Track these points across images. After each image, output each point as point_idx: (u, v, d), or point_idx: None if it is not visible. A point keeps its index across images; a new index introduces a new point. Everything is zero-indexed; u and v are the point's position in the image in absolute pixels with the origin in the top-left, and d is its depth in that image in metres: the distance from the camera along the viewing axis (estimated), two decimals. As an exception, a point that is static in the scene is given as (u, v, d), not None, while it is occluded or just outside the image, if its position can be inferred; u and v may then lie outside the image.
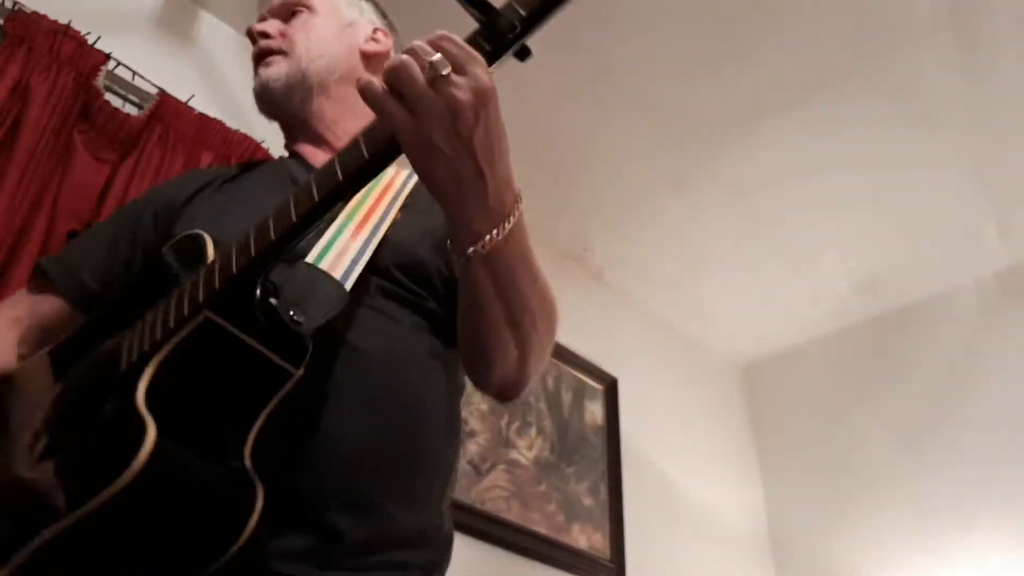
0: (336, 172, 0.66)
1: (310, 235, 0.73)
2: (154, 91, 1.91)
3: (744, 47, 2.24)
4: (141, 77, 1.92)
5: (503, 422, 2.44)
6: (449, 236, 0.72)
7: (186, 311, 0.70)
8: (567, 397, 2.71)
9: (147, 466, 0.60)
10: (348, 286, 0.80)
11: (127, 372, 0.71)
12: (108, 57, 1.85)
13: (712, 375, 3.48)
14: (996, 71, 2.30)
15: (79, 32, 1.79)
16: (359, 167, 0.65)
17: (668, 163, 2.64)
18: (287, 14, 1.10)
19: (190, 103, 1.95)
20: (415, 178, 0.96)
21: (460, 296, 0.82)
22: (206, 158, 1.90)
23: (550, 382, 2.69)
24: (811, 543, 3.04)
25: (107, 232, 1.02)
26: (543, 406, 2.61)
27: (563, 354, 2.75)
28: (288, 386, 0.70)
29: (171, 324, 0.70)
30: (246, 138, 2.00)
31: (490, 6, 0.64)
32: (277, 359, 0.70)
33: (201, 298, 0.69)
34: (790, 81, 2.34)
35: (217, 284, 0.69)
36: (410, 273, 0.89)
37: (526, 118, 2.49)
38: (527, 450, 2.47)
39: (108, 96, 1.85)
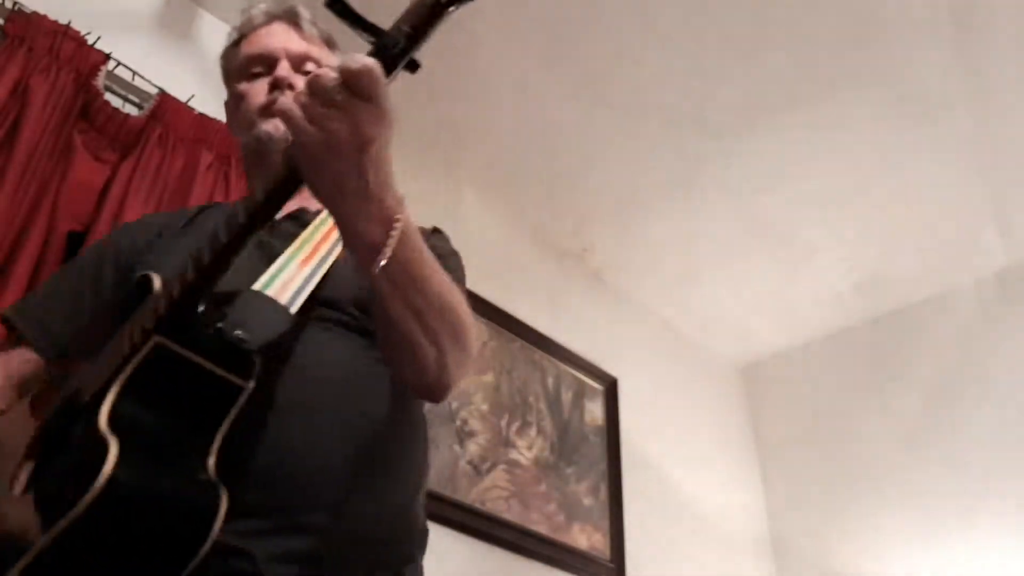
0: (259, 193, 0.73)
1: (257, 264, 0.81)
2: (154, 91, 1.91)
3: (744, 47, 2.24)
4: (141, 77, 1.92)
5: (503, 422, 2.44)
6: (345, 245, 0.76)
7: (137, 338, 0.74)
8: (567, 397, 2.71)
9: (110, 481, 0.64)
10: (293, 311, 0.86)
11: (90, 401, 0.75)
12: (108, 57, 1.85)
13: (712, 375, 3.48)
14: (996, 71, 2.30)
15: (79, 32, 1.79)
16: (275, 187, 0.72)
17: (668, 163, 2.64)
18: (300, 66, 1.11)
19: (190, 103, 1.95)
20: None
21: (373, 306, 0.85)
22: (206, 158, 1.90)
23: (550, 382, 2.69)
24: (811, 543, 3.04)
25: (69, 285, 1.04)
26: (543, 406, 2.61)
27: (563, 354, 2.75)
28: (242, 399, 0.75)
29: (126, 351, 0.74)
30: (246, 138, 2.00)
31: (378, 28, 0.71)
32: (228, 375, 0.75)
33: (150, 324, 0.74)
34: (790, 81, 2.34)
35: (162, 309, 0.74)
36: (355, 303, 0.94)
37: (527, 119, 2.49)
38: (527, 450, 2.47)
39: (108, 96, 1.85)
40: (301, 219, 1.04)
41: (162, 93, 1.91)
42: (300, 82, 1.08)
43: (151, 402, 0.72)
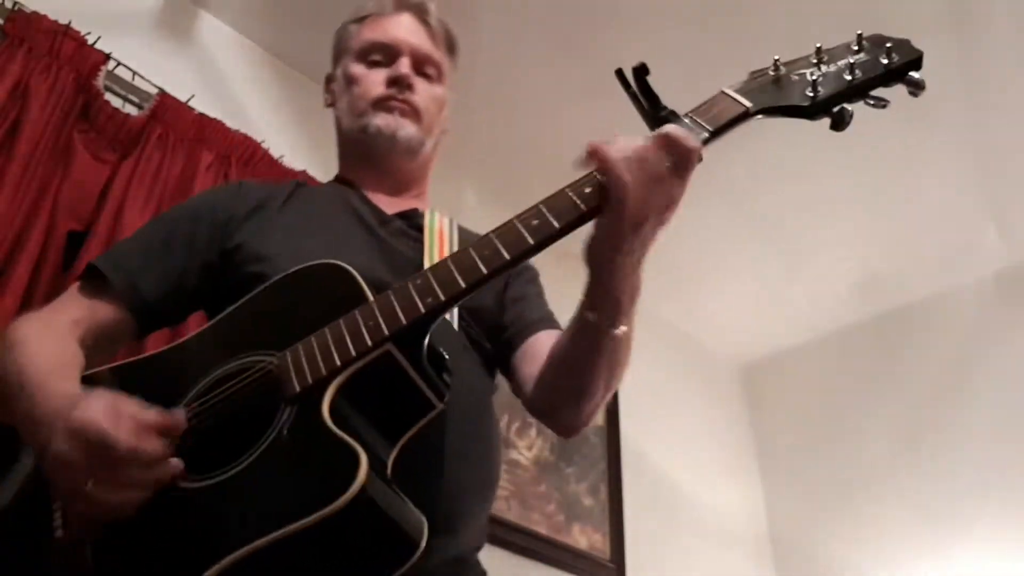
0: (525, 238, 0.74)
1: (379, 258, 0.84)
2: (154, 91, 1.91)
3: (744, 48, 2.23)
4: (141, 77, 1.92)
5: (503, 422, 2.44)
6: (592, 303, 0.81)
7: (369, 342, 0.74)
8: (567, 397, 2.71)
9: (362, 490, 0.64)
10: (455, 326, 0.92)
11: (303, 392, 0.74)
12: (108, 57, 1.85)
13: (712, 375, 3.48)
14: (996, 71, 2.30)
15: (79, 32, 1.79)
16: (547, 236, 0.74)
17: (668, 163, 2.64)
18: (420, 67, 1.12)
19: (190, 103, 1.95)
20: (455, 226, 1.07)
21: (564, 352, 0.90)
22: (206, 158, 1.90)
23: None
24: (811, 543, 3.04)
25: (159, 241, 1.00)
26: (543, 406, 2.61)
27: (563, 354, 2.75)
28: (430, 416, 0.78)
29: (351, 352, 0.74)
30: (246, 138, 2.00)
31: (675, 113, 0.77)
32: (430, 393, 0.77)
33: (386, 332, 0.74)
34: (790, 81, 2.34)
35: (404, 321, 0.74)
36: (476, 317, 0.99)
37: (527, 120, 2.49)
38: (527, 450, 2.47)
39: (108, 96, 1.85)
40: (411, 219, 1.07)
41: (162, 93, 1.91)
42: (419, 84, 1.10)
43: (361, 403, 0.74)
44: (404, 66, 1.09)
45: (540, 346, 0.98)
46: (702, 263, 3.05)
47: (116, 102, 1.87)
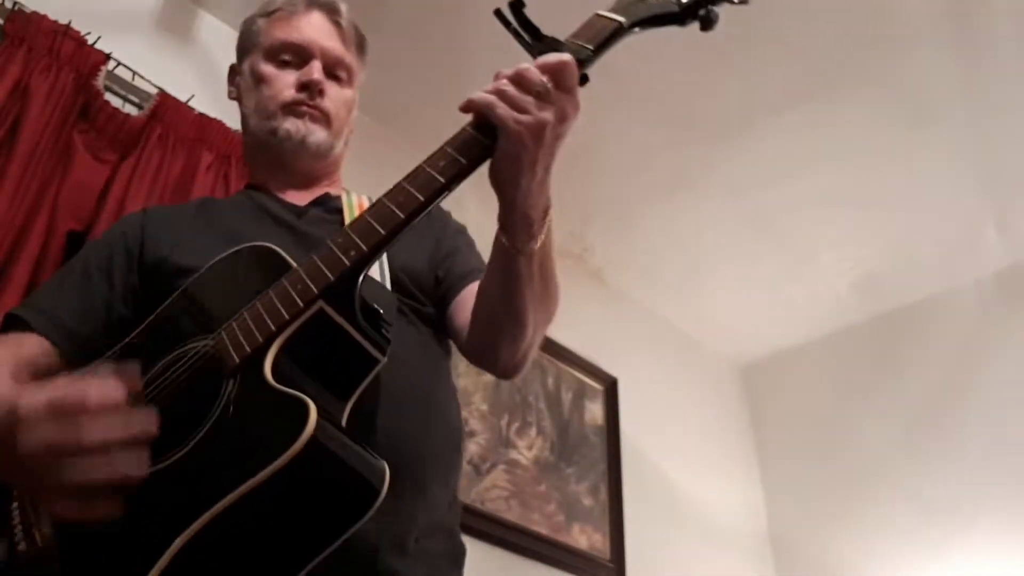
0: (436, 177, 0.77)
1: (297, 247, 0.83)
2: (154, 91, 1.91)
3: (744, 47, 2.23)
4: (141, 77, 1.92)
5: (503, 422, 2.44)
6: (505, 227, 0.82)
7: (300, 304, 0.75)
8: (567, 397, 2.71)
9: (313, 436, 0.63)
10: (388, 287, 0.92)
11: (243, 363, 0.74)
12: (108, 57, 1.84)
13: (712, 375, 3.48)
14: (995, 71, 2.30)
15: (79, 32, 1.79)
16: (457, 172, 0.77)
17: (668, 163, 2.64)
18: (331, 70, 1.12)
19: (190, 103, 1.95)
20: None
21: (488, 286, 0.91)
22: (206, 158, 1.90)
23: (550, 382, 2.69)
24: (811, 543, 3.04)
25: (76, 275, 1.01)
26: (543, 406, 2.61)
27: (563, 354, 2.75)
28: (374, 372, 0.79)
29: (284, 316, 0.75)
30: (246, 138, 2.00)
31: (556, 40, 0.81)
32: (370, 348, 0.78)
33: (315, 290, 0.75)
34: (789, 81, 2.34)
35: (331, 277, 0.76)
36: (413, 282, 1.00)
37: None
38: (527, 450, 2.47)
39: (108, 96, 1.85)
40: (327, 204, 1.08)
41: (162, 93, 1.91)
42: (330, 88, 1.10)
43: (303, 363, 0.74)
44: (316, 71, 1.08)
45: (471, 294, 0.98)
46: (702, 263, 3.05)
47: (116, 102, 1.87)
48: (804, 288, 3.15)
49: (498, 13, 0.82)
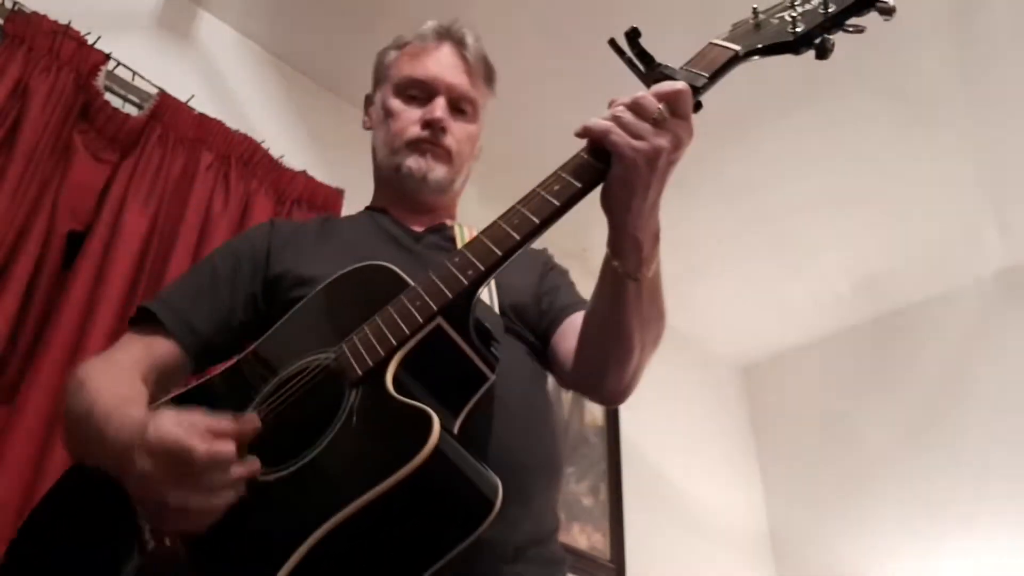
0: (551, 201, 0.79)
1: (421, 271, 0.86)
2: (154, 91, 1.91)
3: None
4: (141, 77, 1.92)
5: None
6: (615, 251, 0.83)
7: (420, 319, 0.78)
8: (567, 397, 2.71)
9: (436, 447, 0.66)
10: (496, 311, 0.96)
11: (366, 375, 0.77)
12: (108, 57, 1.84)
13: (712, 375, 3.48)
14: (995, 71, 2.30)
15: (79, 32, 1.79)
16: (571, 195, 0.79)
17: (668, 163, 2.64)
18: (456, 104, 1.14)
19: (190, 103, 1.95)
20: None
21: (596, 310, 0.93)
22: (206, 158, 1.90)
23: (549, 382, 2.68)
24: (811, 543, 3.04)
25: (205, 281, 1.04)
26: (543, 406, 2.61)
27: (563, 354, 2.75)
28: (484, 387, 0.81)
29: (405, 331, 0.78)
30: (246, 138, 2.00)
31: (671, 68, 0.83)
32: (481, 364, 0.81)
33: (434, 307, 0.78)
34: (790, 81, 2.34)
35: (450, 295, 0.79)
36: (518, 313, 1.04)
37: (528, 119, 2.49)
38: (527, 450, 2.47)
39: (108, 96, 1.85)
40: (442, 232, 1.12)
41: (162, 93, 1.91)
42: (454, 124, 1.13)
43: (421, 377, 0.77)
44: (439, 108, 1.11)
45: (574, 324, 1.01)
46: (702, 263, 3.05)
47: (116, 102, 1.87)
48: (804, 288, 3.15)
49: (612, 43, 0.85)
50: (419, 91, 1.13)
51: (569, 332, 1.02)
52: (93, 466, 0.83)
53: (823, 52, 0.86)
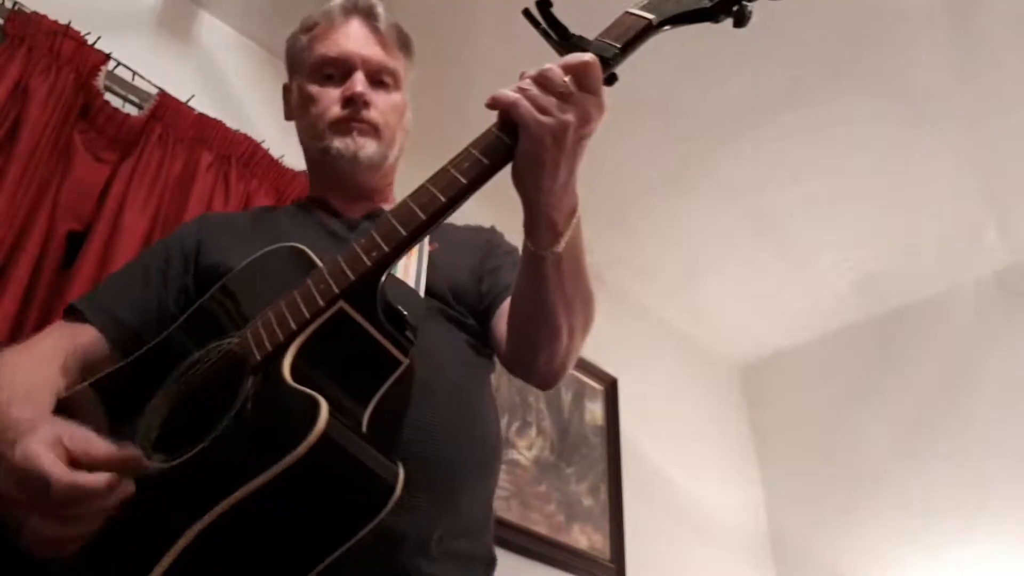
0: (458, 178, 0.77)
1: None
2: (154, 91, 1.91)
3: (743, 47, 2.24)
4: (141, 77, 1.92)
5: (503, 422, 2.44)
6: (529, 231, 0.81)
7: (321, 302, 0.76)
8: (567, 397, 2.71)
9: (322, 436, 0.64)
10: (421, 295, 0.93)
11: (264, 361, 0.75)
12: (108, 57, 1.84)
13: (712, 375, 3.48)
14: (995, 70, 2.30)
15: (79, 32, 1.79)
16: (480, 172, 0.77)
17: (668, 163, 2.64)
18: (375, 77, 1.12)
19: (190, 103, 1.94)
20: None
21: (518, 290, 0.90)
22: (206, 158, 1.90)
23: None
24: (811, 543, 3.04)
25: (135, 275, 1.04)
26: (543, 406, 2.61)
27: (563, 354, 2.75)
28: (397, 373, 0.79)
29: (306, 315, 0.76)
30: (246, 138, 2.00)
31: (583, 38, 0.80)
32: (392, 349, 0.78)
33: (336, 290, 0.76)
34: (789, 80, 2.34)
35: (352, 276, 0.76)
36: (457, 296, 1.00)
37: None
38: (527, 450, 2.47)
39: (108, 96, 1.85)
40: (379, 218, 1.08)
41: (162, 93, 1.91)
42: (375, 97, 1.10)
43: (323, 363, 0.74)
44: (358, 83, 1.09)
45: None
46: (702, 263, 3.05)
47: (116, 102, 1.87)
48: (804, 288, 3.15)
49: (526, 13, 0.81)
50: (334, 70, 1.11)
51: (505, 313, 0.99)
52: None
53: (741, 20, 0.84)
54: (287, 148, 2.11)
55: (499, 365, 1.05)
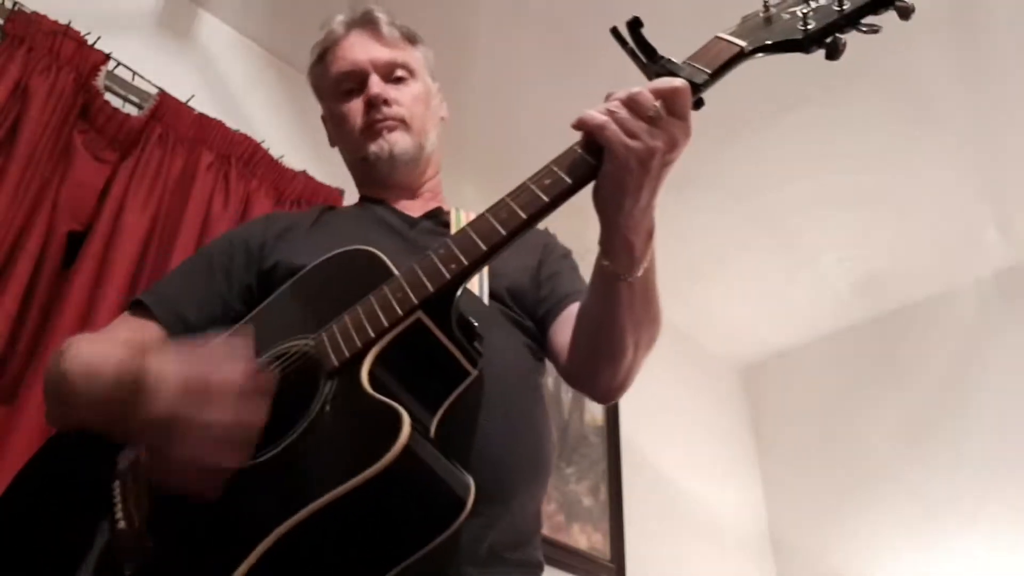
0: (540, 196, 0.77)
1: (410, 258, 0.83)
2: (154, 91, 1.91)
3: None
4: (141, 77, 1.92)
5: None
6: (606, 251, 0.82)
7: (399, 312, 0.77)
8: (567, 397, 2.71)
9: (406, 447, 0.65)
10: (485, 302, 0.94)
11: (342, 366, 0.76)
12: (108, 57, 1.84)
13: (712, 375, 3.48)
14: (996, 71, 2.30)
15: (79, 32, 1.79)
16: (561, 191, 0.76)
17: (668, 163, 2.64)
18: (389, 75, 1.14)
19: (190, 103, 1.95)
20: None
21: (588, 308, 0.91)
22: (206, 158, 1.90)
23: (550, 382, 2.68)
24: (811, 543, 3.04)
25: (199, 272, 1.04)
26: (543, 406, 2.61)
27: (563, 354, 2.75)
28: (465, 384, 0.80)
29: (384, 323, 0.77)
30: (246, 138, 2.00)
31: (673, 61, 0.80)
32: (463, 360, 0.80)
33: (415, 300, 0.77)
34: (790, 81, 2.34)
35: (431, 288, 0.77)
36: (516, 298, 1.02)
37: (528, 117, 2.49)
38: (527, 450, 2.47)
39: (108, 96, 1.85)
40: (439, 218, 1.10)
41: (162, 93, 1.91)
42: (394, 93, 1.12)
43: (397, 371, 0.76)
44: (374, 85, 1.11)
45: (572, 314, 0.99)
46: (702, 263, 3.05)
47: (116, 102, 1.87)
48: (804, 288, 3.15)
49: (614, 32, 0.82)
50: (351, 83, 1.13)
51: (566, 322, 1.00)
52: (76, 428, 0.81)
53: (834, 52, 0.81)
54: (287, 148, 2.11)
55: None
